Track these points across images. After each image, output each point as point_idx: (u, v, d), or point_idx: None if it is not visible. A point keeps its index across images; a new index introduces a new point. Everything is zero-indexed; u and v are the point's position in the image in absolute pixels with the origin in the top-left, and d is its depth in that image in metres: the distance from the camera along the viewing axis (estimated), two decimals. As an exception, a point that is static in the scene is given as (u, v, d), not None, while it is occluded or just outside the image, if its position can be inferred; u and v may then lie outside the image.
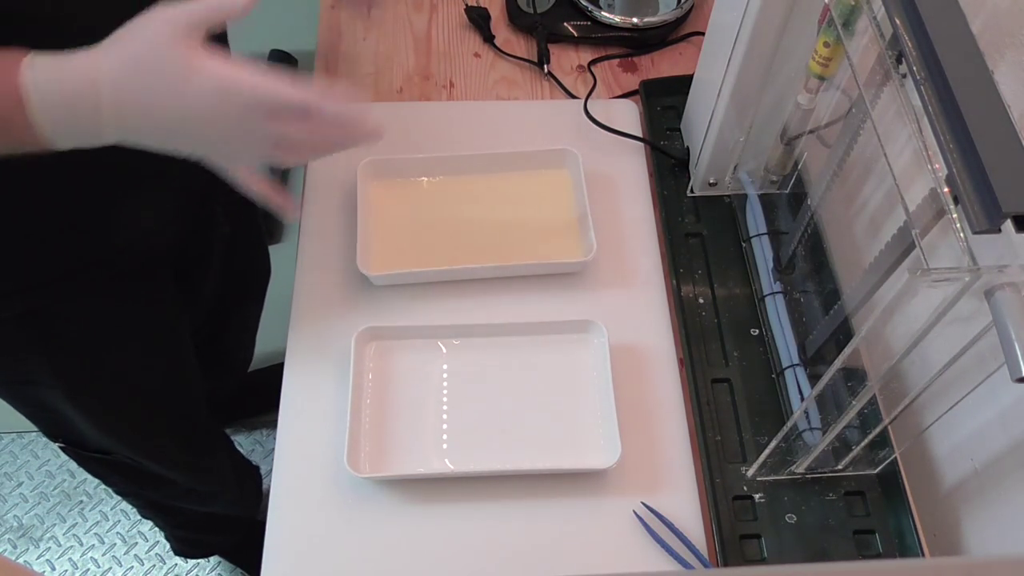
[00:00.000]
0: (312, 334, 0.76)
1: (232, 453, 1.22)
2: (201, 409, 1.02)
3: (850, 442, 0.66)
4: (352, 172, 0.82)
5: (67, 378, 0.81)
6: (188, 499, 1.13)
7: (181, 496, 1.11)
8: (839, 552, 0.66)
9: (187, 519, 1.21)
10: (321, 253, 0.81)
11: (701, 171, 0.83)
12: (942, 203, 0.46)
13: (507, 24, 1.00)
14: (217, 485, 1.14)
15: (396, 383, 0.73)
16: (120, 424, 0.90)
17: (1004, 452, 0.61)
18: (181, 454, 1.02)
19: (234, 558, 1.41)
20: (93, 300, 0.77)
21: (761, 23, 0.67)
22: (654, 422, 0.72)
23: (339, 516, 0.68)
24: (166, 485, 1.05)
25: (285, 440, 0.71)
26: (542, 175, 0.85)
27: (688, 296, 0.79)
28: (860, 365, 0.58)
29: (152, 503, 1.15)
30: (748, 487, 0.69)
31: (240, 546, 1.36)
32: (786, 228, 0.79)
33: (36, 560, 1.41)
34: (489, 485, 0.69)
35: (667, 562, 0.66)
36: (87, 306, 0.77)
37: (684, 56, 0.98)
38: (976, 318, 0.47)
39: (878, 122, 0.57)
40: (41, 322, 0.74)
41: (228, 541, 1.34)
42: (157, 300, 0.85)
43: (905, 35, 0.49)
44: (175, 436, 0.99)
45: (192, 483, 1.09)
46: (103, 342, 0.81)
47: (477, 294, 0.78)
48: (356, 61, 0.96)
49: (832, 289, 0.75)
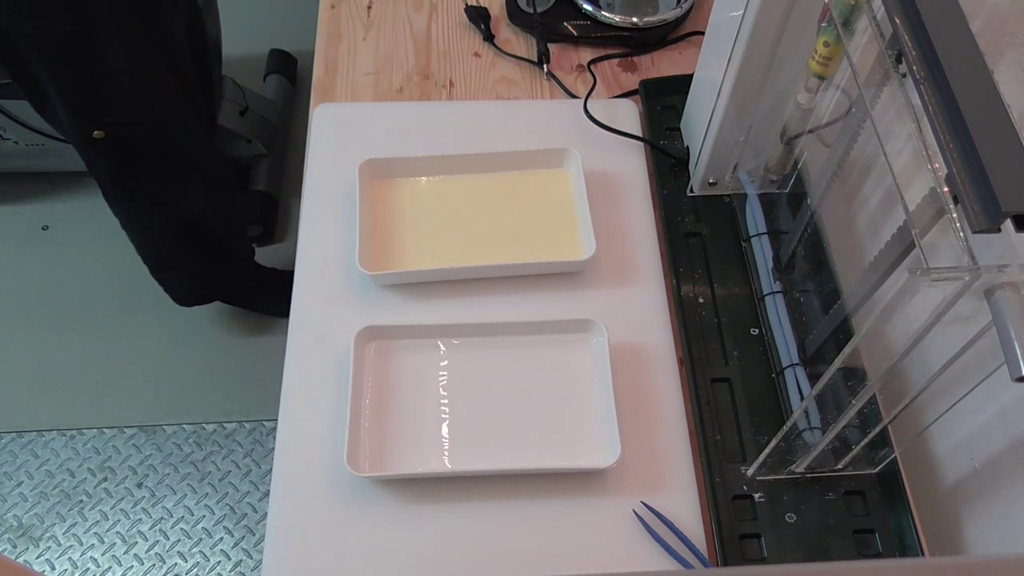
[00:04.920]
0: (312, 334, 0.76)
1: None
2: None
3: (850, 442, 0.66)
4: (352, 172, 0.82)
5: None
6: (206, 204, 1.33)
7: (200, 202, 1.32)
8: (839, 552, 0.66)
9: (201, 246, 1.39)
10: (321, 253, 0.81)
11: (701, 171, 0.83)
12: (942, 202, 0.46)
13: (507, 24, 1.00)
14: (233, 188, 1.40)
15: (396, 383, 0.73)
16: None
17: (1004, 451, 0.61)
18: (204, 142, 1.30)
19: (236, 301, 1.59)
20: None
21: (761, 23, 0.67)
22: (654, 422, 0.72)
23: (339, 516, 0.68)
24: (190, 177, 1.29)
25: (285, 440, 0.71)
26: (542, 175, 0.85)
27: (688, 296, 0.79)
28: (860, 365, 0.58)
29: (169, 207, 1.31)
30: (748, 486, 0.69)
31: (244, 292, 1.56)
32: (786, 228, 0.79)
33: (36, 560, 1.41)
34: (489, 485, 0.69)
35: (667, 561, 0.66)
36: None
37: (684, 56, 0.98)
38: (976, 318, 0.47)
39: (878, 122, 0.57)
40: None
41: (233, 283, 1.52)
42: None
43: (905, 35, 0.49)
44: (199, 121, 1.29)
45: (212, 171, 1.32)
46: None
47: (477, 294, 0.78)
48: (356, 61, 0.96)
49: (832, 289, 0.75)
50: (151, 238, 1.36)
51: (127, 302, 1.67)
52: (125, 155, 1.19)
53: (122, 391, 1.59)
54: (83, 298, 1.69)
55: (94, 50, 1.06)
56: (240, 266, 1.53)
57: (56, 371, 1.61)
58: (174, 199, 1.30)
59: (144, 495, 1.48)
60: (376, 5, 1.01)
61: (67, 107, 1.11)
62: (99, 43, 1.06)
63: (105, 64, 1.08)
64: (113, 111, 1.13)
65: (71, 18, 1.02)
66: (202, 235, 1.38)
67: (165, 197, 1.29)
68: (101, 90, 1.10)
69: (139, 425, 1.55)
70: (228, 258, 1.49)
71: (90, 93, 1.10)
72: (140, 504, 1.47)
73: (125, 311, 1.67)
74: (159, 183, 1.27)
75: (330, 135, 0.88)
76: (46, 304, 1.68)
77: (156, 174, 1.25)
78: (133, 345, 1.64)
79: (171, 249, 1.38)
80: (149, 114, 1.16)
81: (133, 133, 1.16)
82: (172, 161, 1.25)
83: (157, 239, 1.36)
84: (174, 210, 1.31)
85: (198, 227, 1.36)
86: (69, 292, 1.70)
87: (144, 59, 1.12)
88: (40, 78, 1.08)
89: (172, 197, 1.29)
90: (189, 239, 1.37)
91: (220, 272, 1.49)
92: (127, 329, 1.65)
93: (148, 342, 1.64)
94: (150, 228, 1.34)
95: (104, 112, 1.13)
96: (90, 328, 1.65)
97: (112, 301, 1.68)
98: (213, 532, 1.45)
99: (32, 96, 1.13)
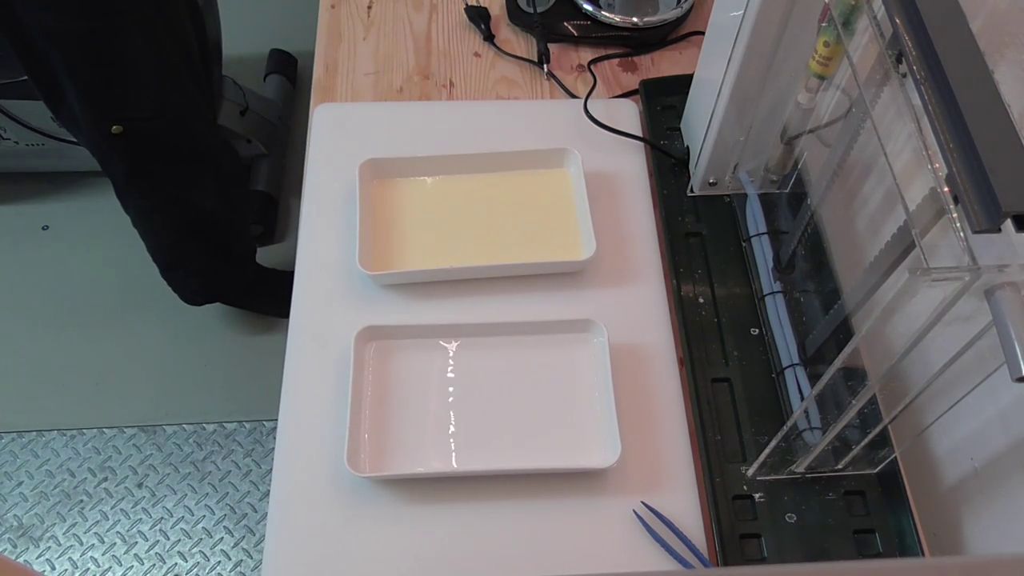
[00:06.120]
0: (312, 334, 0.76)
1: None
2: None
3: (850, 442, 0.66)
4: (352, 172, 0.82)
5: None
6: (214, 195, 1.35)
7: (209, 194, 1.33)
8: (839, 552, 0.66)
9: (209, 243, 1.40)
10: (321, 253, 0.81)
11: (701, 171, 0.83)
12: (942, 202, 0.46)
13: (507, 23, 1.00)
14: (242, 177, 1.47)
15: (396, 383, 0.73)
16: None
17: (1004, 451, 0.61)
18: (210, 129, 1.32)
19: (237, 302, 1.62)
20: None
21: (761, 23, 0.67)
22: (654, 422, 0.72)
23: (339, 516, 0.68)
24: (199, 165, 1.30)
25: (285, 440, 0.71)
26: (542, 174, 0.85)
27: (688, 296, 0.79)
28: (860, 365, 0.58)
29: (182, 203, 1.32)
30: (748, 486, 0.69)
31: (246, 291, 1.58)
32: (786, 228, 0.79)
33: (36, 559, 1.41)
34: (489, 485, 0.69)
35: (667, 561, 0.66)
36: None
37: (684, 56, 0.98)
38: (976, 318, 0.47)
39: (878, 121, 0.57)
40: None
41: (236, 282, 1.55)
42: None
43: (905, 34, 0.49)
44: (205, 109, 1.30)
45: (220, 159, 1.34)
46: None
47: (477, 294, 0.78)
48: (356, 61, 0.96)
49: (832, 289, 0.75)
50: (162, 237, 1.37)
51: (127, 302, 1.67)
52: (142, 150, 1.20)
53: (122, 391, 1.59)
54: (83, 298, 1.69)
55: (114, 45, 1.07)
56: (243, 265, 1.54)
57: (56, 371, 1.61)
58: (187, 194, 1.31)
59: (144, 495, 1.48)
60: (376, 5, 1.01)
61: (85, 103, 1.12)
62: (119, 38, 1.07)
63: (125, 59, 1.09)
64: (131, 106, 1.14)
65: (93, 13, 1.04)
66: (211, 232, 1.39)
67: (179, 192, 1.30)
68: (120, 85, 1.12)
69: (139, 425, 1.55)
70: (233, 256, 1.50)
71: (109, 88, 1.12)
72: (140, 504, 1.47)
73: (125, 311, 1.67)
74: (174, 178, 1.28)
75: (330, 135, 0.88)
76: (46, 304, 1.69)
77: (171, 169, 1.26)
78: (133, 345, 1.64)
79: (181, 248, 1.39)
80: (166, 108, 1.18)
81: (151, 128, 1.18)
82: (187, 155, 1.26)
83: (168, 237, 1.37)
84: (187, 206, 1.33)
85: (208, 223, 1.37)
86: (69, 292, 1.70)
87: (161, 54, 1.13)
88: (59, 74, 1.09)
89: (185, 192, 1.31)
90: (198, 237, 1.38)
91: (225, 271, 1.50)
92: (127, 329, 1.65)
93: (148, 342, 1.64)
94: (162, 226, 1.35)
95: (122, 107, 1.14)
96: (90, 328, 1.65)
97: (112, 301, 1.68)
98: (213, 532, 1.45)
99: (49, 94, 1.14)
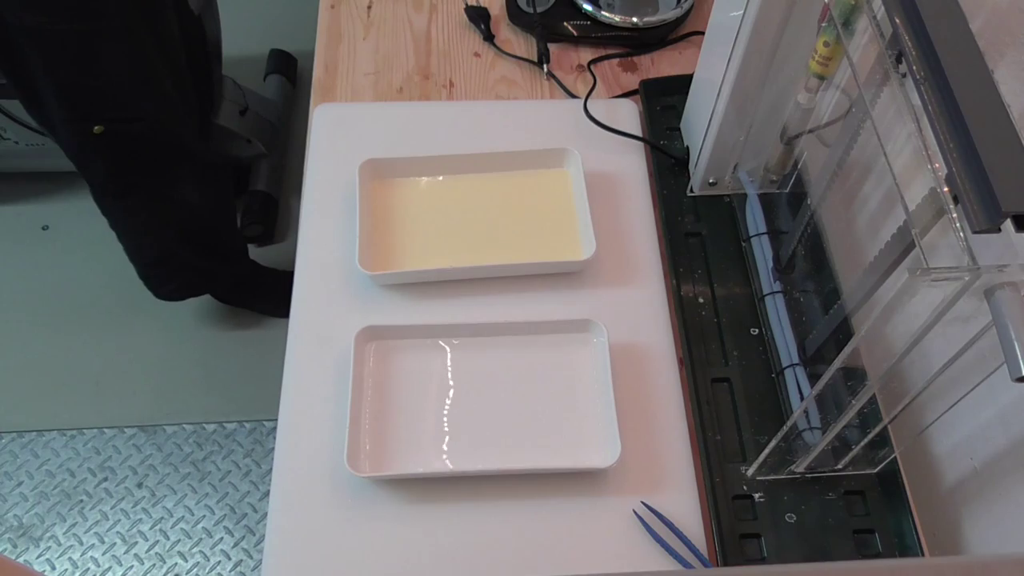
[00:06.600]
0: (312, 334, 0.76)
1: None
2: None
3: (850, 441, 0.66)
4: (352, 172, 0.82)
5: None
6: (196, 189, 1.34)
7: (191, 188, 1.33)
8: (839, 551, 0.66)
9: (194, 240, 1.39)
10: (321, 253, 0.81)
11: (701, 171, 0.83)
12: (942, 202, 0.46)
13: (507, 24, 1.00)
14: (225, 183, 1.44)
15: (396, 383, 0.73)
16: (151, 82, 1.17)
17: (1004, 451, 0.61)
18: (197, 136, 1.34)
19: (232, 299, 1.61)
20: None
21: (761, 23, 0.67)
22: (654, 421, 0.72)
23: (339, 516, 0.68)
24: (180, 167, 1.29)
25: (285, 440, 0.71)
26: (542, 174, 0.85)
27: (688, 296, 0.79)
28: (860, 365, 0.58)
29: (163, 201, 1.31)
30: (748, 486, 0.69)
31: (239, 288, 1.57)
32: (786, 228, 0.79)
33: (36, 559, 1.41)
34: (489, 485, 0.69)
35: (667, 561, 0.66)
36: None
37: (684, 56, 0.98)
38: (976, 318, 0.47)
39: (878, 121, 0.57)
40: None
41: (226, 279, 1.54)
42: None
43: (905, 34, 0.49)
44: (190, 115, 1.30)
45: (203, 160, 1.34)
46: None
47: (477, 294, 0.78)
48: (356, 61, 0.96)
49: (832, 289, 0.75)
50: (143, 236, 1.36)
51: (127, 302, 1.67)
52: (122, 150, 1.20)
53: (122, 391, 1.59)
54: (83, 298, 1.69)
55: (97, 48, 1.07)
56: (232, 261, 1.54)
57: (56, 371, 1.61)
58: (168, 191, 1.30)
59: (144, 495, 1.48)
60: (376, 5, 1.01)
61: (64, 104, 1.11)
62: (103, 41, 1.06)
63: (106, 62, 1.08)
64: (110, 108, 1.14)
65: (79, 16, 1.03)
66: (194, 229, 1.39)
67: (159, 190, 1.30)
68: (99, 87, 1.11)
69: (139, 425, 1.55)
70: (220, 253, 1.49)
71: (88, 90, 1.11)
72: (140, 504, 1.47)
73: (125, 311, 1.67)
74: (154, 176, 1.28)
75: (330, 135, 0.88)
76: (46, 304, 1.69)
77: (151, 168, 1.26)
78: (133, 345, 1.64)
79: (163, 246, 1.38)
80: (145, 113, 1.17)
81: (129, 130, 1.17)
82: (167, 153, 1.26)
83: (149, 236, 1.36)
84: (168, 204, 1.32)
85: (192, 219, 1.37)
86: (69, 292, 1.70)
87: (143, 60, 1.13)
88: (36, 75, 1.08)
89: (166, 189, 1.30)
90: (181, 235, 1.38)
91: (213, 268, 1.49)
92: (127, 329, 1.65)
93: (148, 342, 1.64)
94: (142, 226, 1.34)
95: (102, 109, 1.13)
96: (90, 328, 1.65)
97: (112, 301, 1.68)
98: (213, 532, 1.45)
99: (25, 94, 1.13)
